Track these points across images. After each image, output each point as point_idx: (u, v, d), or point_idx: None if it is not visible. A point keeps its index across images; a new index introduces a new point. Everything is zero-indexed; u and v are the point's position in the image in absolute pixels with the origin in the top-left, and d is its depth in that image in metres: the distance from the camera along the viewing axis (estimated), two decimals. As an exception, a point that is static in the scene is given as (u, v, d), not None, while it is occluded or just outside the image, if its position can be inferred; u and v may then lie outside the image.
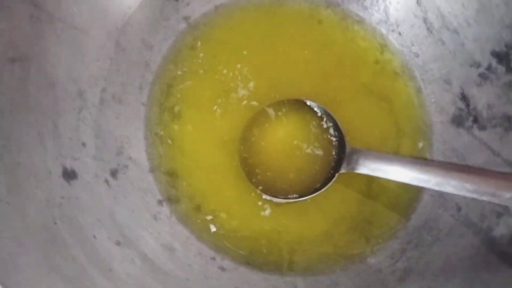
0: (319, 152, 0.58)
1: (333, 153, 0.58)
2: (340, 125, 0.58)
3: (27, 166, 0.45)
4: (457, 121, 0.62)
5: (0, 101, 0.43)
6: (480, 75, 0.62)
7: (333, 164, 0.57)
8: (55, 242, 0.44)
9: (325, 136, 0.58)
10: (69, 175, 0.50)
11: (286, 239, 0.58)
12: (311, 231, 0.59)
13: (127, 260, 0.50)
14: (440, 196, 0.59)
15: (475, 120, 0.61)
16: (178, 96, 0.61)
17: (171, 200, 0.58)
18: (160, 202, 0.57)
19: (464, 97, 0.62)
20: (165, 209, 0.57)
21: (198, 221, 0.58)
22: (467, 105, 0.62)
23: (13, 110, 0.45)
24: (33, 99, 0.48)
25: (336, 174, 0.56)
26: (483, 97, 0.61)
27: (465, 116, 0.62)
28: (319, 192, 0.56)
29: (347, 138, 0.57)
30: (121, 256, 0.49)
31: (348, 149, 0.56)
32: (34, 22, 0.48)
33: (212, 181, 0.59)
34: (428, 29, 0.65)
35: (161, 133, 0.60)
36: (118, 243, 0.50)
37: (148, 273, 0.50)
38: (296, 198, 0.57)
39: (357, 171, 0.55)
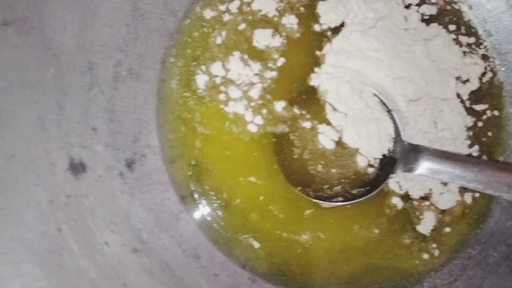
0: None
1: (390, 150, 0.48)
2: (396, 117, 0.48)
3: (24, 158, 0.36)
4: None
5: (-10, 76, 0.34)
6: None
7: (389, 163, 0.47)
8: (59, 254, 0.36)
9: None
10: (77, 168, 0.41)
11: (326, 246, 0.50)
12: (356, 238, 0.50)
13: (145, 271, 0.42)
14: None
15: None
16: (206, 71, 0.51)
17: (196, 196, 0.49)
18: (183, 199, 0.49)
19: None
20: (189, 207, 0.48)
21: (224, 221, 0.49)
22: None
23: (7, 87, 0.35)
24: (32, 74, 0.38)
25: (390, 176, 0.47)
26: None
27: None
28: (367, 196, 0.47)
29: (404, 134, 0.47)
30: (137, 266, 0.41)
31: (405, 146, 0.46)
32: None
33: (242, 174, 0.50)
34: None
35: (186, 115, 0.50)
36: (134, 251, 0.42)
37: (169, 286, 0.42)
38: (341, 201, 0.48)
39: (416, 173, 0.46)
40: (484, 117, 0.51)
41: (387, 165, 0.47)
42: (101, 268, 0.38)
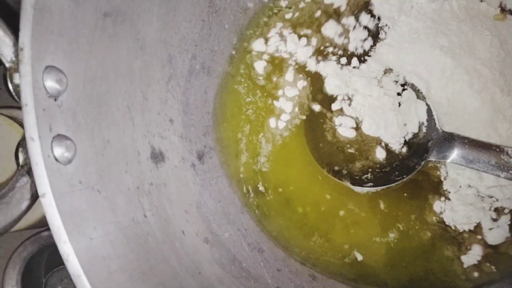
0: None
1: (421, 137, 0.48)
2: (430, 103, 0.48)
3: (116, 144, 0.37)
4: None
5: (91, 63, 0.35)
6: None
7: (421, 150, 0.47)
8: (146, 239, 0.37)
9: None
10: (157, 156, 0.42)
11: (385, 250, 0.50)
12: (415, 239, 0.50)
13: (216, 261, 0.43)
14: None
15: None
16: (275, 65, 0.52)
17: (259, 190, 0.50)
18: (247, 192, 0.50)
19: None
20: (253, 201, 0.49)
21: (285, 217, 0.50)
22: None
23: (104, 75, 0.37)
24: (123, 64, 0.39)
25: (422, 162, 0.47)
26: None
27: None
28: (402, 181, 0.47)
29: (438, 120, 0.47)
30: (210, 256, 0.42)
31: (439, 134, 0.47)
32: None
33: (303, 172, 0.51)
34: None
35: (252, 110, 0.51)
36: (206, 241, 0.43)
37: (238, 277, 0.43)
38: (372, 186, 0.48)
39: (449, 161, 0.46)
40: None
41: (419, 151, 0.47)
42: (180, 256, 0.39)
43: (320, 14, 0.52)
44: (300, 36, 0.52)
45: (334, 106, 0.50)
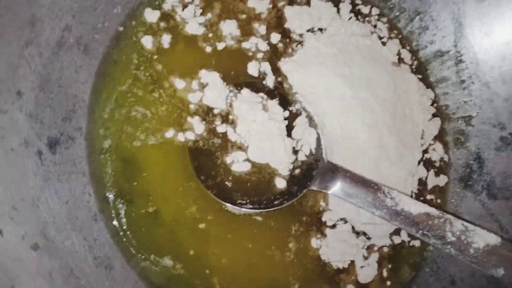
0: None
1: (307, 165, 0.46)
2: (320, 132, 0.47)
3: None
4: (466, 181, 0.55)
5: None
6: (502, 138, 0.55)
7: (305, 177, 0.46)
8: None
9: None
10: (-15, 132, 0.33)
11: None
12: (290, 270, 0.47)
13: (42, 274, 0.34)
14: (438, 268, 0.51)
15: (487, 187, 0.54)
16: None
17: (123, 198, 0.43)
18: (105, 198, 0.42)
19: (479, 158, 0.56)
20: (113, 209, 0.42)
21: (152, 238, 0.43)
22: (480, 168, 0.55)
23: None
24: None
25: (304, 191, 0.45)
26: (500, 164, 0.54)
27: (476, 179, 0.55)
28: (280, 207, 0.44)
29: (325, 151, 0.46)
30: (35, 266, 0.34)
31: (324, 164, 0.45)
32: None
33: (178, 186, 0.45)
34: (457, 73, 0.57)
35: (131, 100, 0.44)
36: (35, 247, 0.34)
37: (68, 298, 0.35)
38: (250, 208, 0.44)
39: (330, 192, 0.45)
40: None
41: (303, 179, 0.45)
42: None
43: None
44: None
45: (219, 129, 0.45)
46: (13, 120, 0.35)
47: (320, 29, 0.51)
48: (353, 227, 0.47)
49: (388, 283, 0.48)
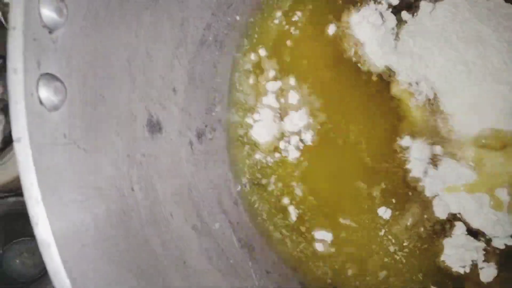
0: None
1: None
2: None
3: (111, 101, 0.32)
4: None
5: None
6: None
7: None
8: (130, 216, 0.31)
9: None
10: (154, 126, 0.37)
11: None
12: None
13: (203, 253, 0.38)
14: None
15: None
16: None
17: (261, 184, 0.45)
18: (246, 184, 0.45)
19: None
20: (251, 194, 0.45)
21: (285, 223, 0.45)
22: None
23: (108, 17, 0.31)
24: (131, 9, 0.34)
25: None
26: None
27: None
28: None
29: None
30: (197, 246, 0.37)
31: None
32: None
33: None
34: None
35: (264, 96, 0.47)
36: (195, 228, 0.38)
37: (224, 274, 0.38)
38: None
39: None
40: None
41: None
42: (165, 240, 0.34)
43: None
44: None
45: None
46: (171, 114, 0.39)
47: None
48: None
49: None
